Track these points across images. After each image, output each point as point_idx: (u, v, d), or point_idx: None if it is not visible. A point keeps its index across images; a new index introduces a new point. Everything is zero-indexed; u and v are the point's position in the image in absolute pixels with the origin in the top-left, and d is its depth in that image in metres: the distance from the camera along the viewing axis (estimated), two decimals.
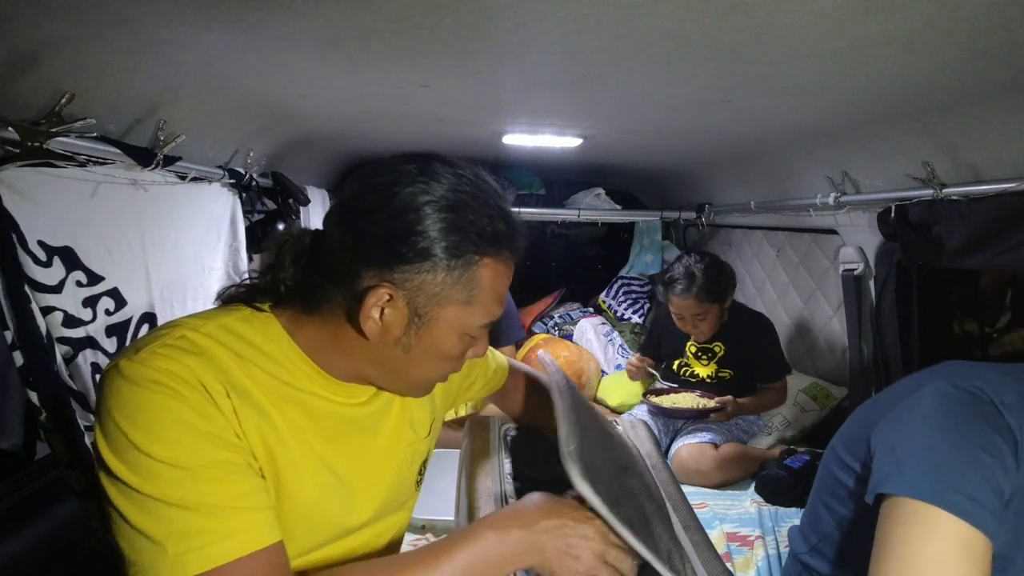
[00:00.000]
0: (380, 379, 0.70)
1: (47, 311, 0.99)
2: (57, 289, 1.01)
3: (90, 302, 1.09)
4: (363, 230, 0.62)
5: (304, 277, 0.67)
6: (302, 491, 0.65)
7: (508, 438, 1.04)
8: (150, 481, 0.53)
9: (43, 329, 0.98)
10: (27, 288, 0.95)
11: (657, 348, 2.28)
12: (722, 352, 2.08)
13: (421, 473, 0.84)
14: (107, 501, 0.55)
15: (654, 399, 2.06)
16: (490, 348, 1.02)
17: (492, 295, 0.66)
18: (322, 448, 0.67)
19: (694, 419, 2.01)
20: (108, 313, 1.14)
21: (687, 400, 2.04)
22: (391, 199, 0.61)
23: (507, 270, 0.67)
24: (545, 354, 0.93)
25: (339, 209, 0.66)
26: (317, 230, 0.69)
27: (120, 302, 1.18)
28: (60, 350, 1.01)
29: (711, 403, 1.98)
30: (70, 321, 1.03)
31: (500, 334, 2.26)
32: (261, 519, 0.57)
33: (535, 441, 1.02)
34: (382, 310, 0.62)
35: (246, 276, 0.74)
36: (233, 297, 0.70)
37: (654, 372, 2.20)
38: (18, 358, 0.94)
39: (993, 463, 0.69)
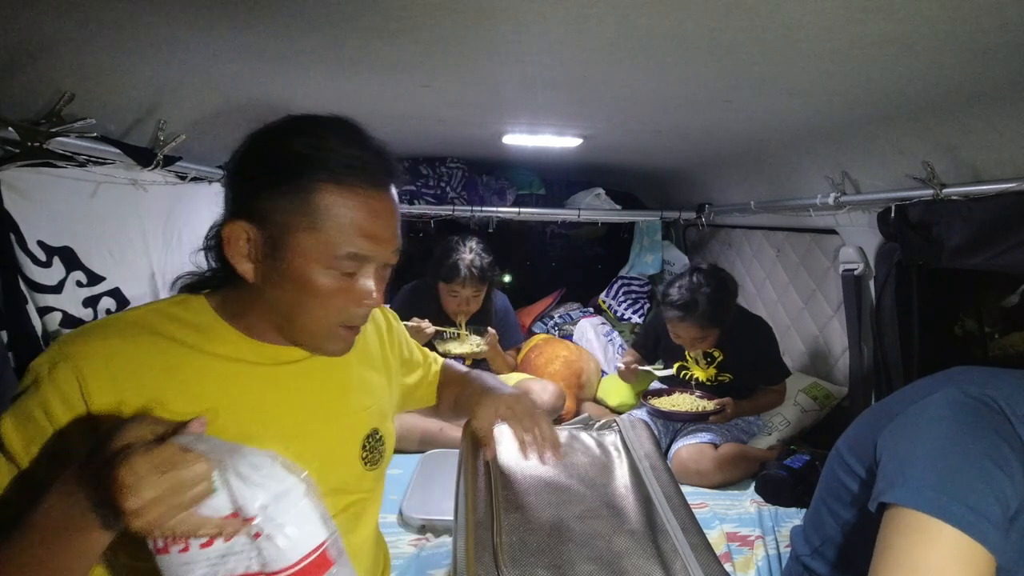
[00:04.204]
0: (284, 329, 0.72)
1: (45, 311, 0.99)
2: (57, 289, 1.01)
3: (91, 302, 1.09)
4: (225, 191, 0.71)
5: (219, 258, 0.73)
6: None
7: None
8: None
9: (39, 329, 0.98)
10: (25, 288, 0.95)
11: (652, 346, 2.27)
12: (721, 357, 2.07)
13: (366, 450, 0.81)
14: None
15: (653, 401, 2.05)
16: (439, 360, 1.07)
17: (339, 222, 0.65)
18: (246, 415, 0.69)
19: (693, 421, 2.01)
20: (109, 313, 1.14)
21: (686, 402, 2.04)
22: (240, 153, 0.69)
23: (354, 196, 0.65)
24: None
25: None
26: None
27: (122, 302, 1.18)
28: None
29: (710, 405, 1.98)
30: (69, 321, 1.03)
31: (501, 338, 2.26)
32: None
33: None
34: (249, 251, 0.67)
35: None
36: (182, 287, 0.76)
37: (647, 368, 2.18)
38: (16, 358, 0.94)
39: (1001, 475, 0.67)
